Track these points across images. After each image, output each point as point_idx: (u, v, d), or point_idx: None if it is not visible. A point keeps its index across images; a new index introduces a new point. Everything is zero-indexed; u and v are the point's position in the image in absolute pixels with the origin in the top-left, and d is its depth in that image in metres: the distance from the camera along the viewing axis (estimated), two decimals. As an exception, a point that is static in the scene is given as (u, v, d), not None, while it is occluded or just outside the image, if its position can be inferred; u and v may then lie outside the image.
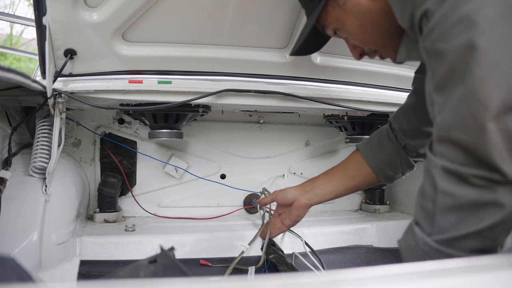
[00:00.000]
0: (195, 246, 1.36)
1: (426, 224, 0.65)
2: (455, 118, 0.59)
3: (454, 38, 0.57)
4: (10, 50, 6.88)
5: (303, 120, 1.81)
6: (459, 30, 0.56)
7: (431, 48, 0.61)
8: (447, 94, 0.60)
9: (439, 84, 0.61)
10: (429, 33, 0.61)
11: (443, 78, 0.60)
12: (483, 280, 0.40)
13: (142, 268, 0.51)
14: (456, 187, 0.59)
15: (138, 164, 1.65)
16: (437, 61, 0.61)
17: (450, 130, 0.59)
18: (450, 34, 0.57)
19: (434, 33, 0.60)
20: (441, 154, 0.61)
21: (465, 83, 0.56)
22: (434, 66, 0.62)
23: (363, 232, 1.57)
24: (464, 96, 0.57)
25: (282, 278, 0.37)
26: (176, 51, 1.28)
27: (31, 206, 1.09)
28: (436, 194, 0.62)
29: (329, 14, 0.86)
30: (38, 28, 1.11)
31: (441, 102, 0.61)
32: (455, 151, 0.59)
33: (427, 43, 0.62)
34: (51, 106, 1.17)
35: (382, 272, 0.40)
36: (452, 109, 0.59)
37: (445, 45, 0.58)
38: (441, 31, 0.59)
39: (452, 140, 0.59)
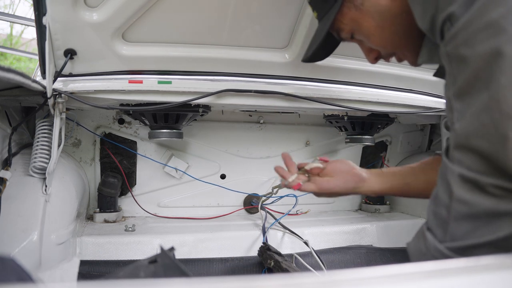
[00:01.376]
0: (195, 246, 1.36)
1: (438, 231, 0.63)
2: (476, 126, 0.57)
3: (480, 44, 0.55)
4: (10, 50, 6.87)
5: (303, 120, 1.81)
6: (486, 36, 0.54)
7: (454, 53, 0.60)
8: (468, 101, 0.58)
9: (461, 90, 0.60)
10: (452, 37, 0.59)
11: (465, 84, 0.58)
12: (484, 280, 0.40)
13: (142, 268, 0.51)
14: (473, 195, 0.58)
15: (138, 164, 1.65)
16: (459, 67, 0.59)
17: (470, 138, 0.58)
18: (476, 40, 0.56)
19: (458, 38, 0.58)
20: (459, 161, 0.60)
21: (489, 91, 0.55)
22: (455, 72, 0.60)
23: (363, 232, 1.57)
24: (487, 104, 0.55)
25: (282, 278, 0.37)
26: (176, 51, 1.28)
27: (31, 206, 1.09)
28: (451, 201, 0.61)
29: (345, 16, 0.84)
30: (38, 28, 1.11)
31: (461, 109, 0.60)
32: (474, 159, 0.58)
33: (450, 48, 0.60)
34: (51, 106, 1.17)
35: (382, 272, 0.40)
36: (474, 117, 0.57)
37: (469, 51, 0.57)
38: (466, 36, 0.57)
39: (472, 148, 0.58)
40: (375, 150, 1.92)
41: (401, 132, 1.93)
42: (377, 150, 1.92)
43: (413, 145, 1.98)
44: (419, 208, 1.72)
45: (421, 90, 1.56)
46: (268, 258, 1.20)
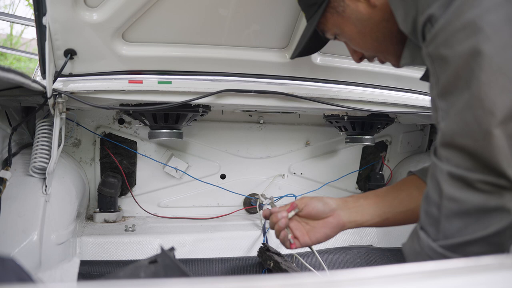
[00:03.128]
0: (195, 246, 1.36)
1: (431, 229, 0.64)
2: (460, 124, 0.58)
3: (459, 44, 0.57)
4: (10, 50, 6.87)
5: (303, 120, 1.81)
6: (464, 36, 0.56)
7: (435, 54, 0.61)
8: (451, 100, 0.59)
9: (443, 90, 0.61)
10: (433, 38, 0.60)
11: (447, 84, 0.60)
12: (484, 280, 0.40)
13: (142, 269, 0.51)
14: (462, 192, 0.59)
15: (138, 164, 1.65)
16: (441, 67, 0.60)
17: (455, 136, 0.59)
18: (455, 40, 0.57)
19: (438, 39, 0.59)
20: (446, 159, 0.61)
21: (470, 89, 0.56)
22: (437, 72, 0.62)
23: (363, 232, 1.57)
24: (469, 102, 0.57)
25: (282, 278, 0.37)
26: (176, 51, 1.28)
27: (31, 206, 1.09)
28: (441, 199, 0.61)
29: (328, 20, 0.87)
30: (38, 28, 1.11)
31: (445, 108, 0.61)
32: (460, 157, 0.59)
33: (431, 49, 0.61)
34: (51, 106, 1.17)
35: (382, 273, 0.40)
36: (457, 115, 0.59)
37: (449, 51, 0.58)
38: (445, 37, 0.58)
39: (458, 146, 0.59)
40: (375, 150, 1.92)
41: (401, 132, 1.93)
42: (377, 150, 1.92)
43: (413, 145, 1.98)
44: (419, 208, 1.72)
45: (421, 90, 1.56)
46: (268, 259, 1.20)
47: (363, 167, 1.91)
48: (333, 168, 1.85)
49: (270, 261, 1.18)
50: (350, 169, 1.88)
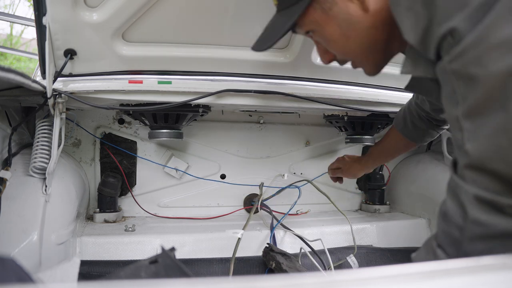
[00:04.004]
0: (195, 246, 1.36)
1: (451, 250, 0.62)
2: (492, 148, 0.56)
3: (493, 63, 0.53)
4: (10, 50, 6.87)
5: (303, 120, 1.81)
6: (499, 54, 0.52)
7: (463, 72, 0.57)
8: (481, 122, 0.56)
9: (471, 110, 0.57)
10: (459, 55, 0.56)
11: (477, 104, 0.56)
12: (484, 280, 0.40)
13: (143, 269, 0.51)
14: (490, 216, 0.56)
15: (138, 164, 1.65)
16: (468, 86, 0.57)
17: (486, 160, 0.57)
18: (488, 58, 0.53)
19: (468, 56, 0.55)
20: (473, 181, 0.58)
21: (506, 111, 0.53)
22: (463, 90, 0.58)
23: (363, 232, 1.57)
24: (504, 125, 0.54)
25: (282, 278, 0.37)
26: (176, 51, 1.28)
27: (31, 206, 1.09)
28: (465, 222, 0.59)
29: (308, 16, 0.78)
30: (38, 28, 1.11)
31: (472, 129, 0.58)
32: (490, 180, 0.57)
33: (456, 66, 0.57)
34: (51, 106, 1.17)
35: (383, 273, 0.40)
36: (489, 138, 0.56)
37: (481, 70, 0.54)
38: (476, 55, 0.54)
39: (488, 170, 0.56)
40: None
41: (401, 132, 1.93)
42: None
43: (413, 145, 1.98)
44: (419, 208, 1.72)
45: (421, 90, 1.56)
46: (271, 259, 1.20)
47: (363, 167, 1.91)
48: (333, 168, 1.85)
49: (272, 261, 1.18)
50: (350, 169, 1.88)
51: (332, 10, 0.75)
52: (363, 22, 0.74)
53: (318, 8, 0.77)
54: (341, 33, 0.77)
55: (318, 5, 0.76)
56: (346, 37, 0.78)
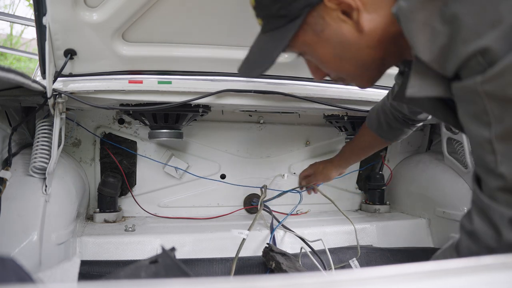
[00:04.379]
0: (195, 246, 1.36)
1: None
2: None
3: None
4: (10, 50, 6.87)
5: (303, 120, 1.81)
6: None
7: (498, 94, 0.55)
8: None
9: (508, 132, 0.56)
10: (496, 77, 0.54)
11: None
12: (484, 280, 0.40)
13: (143, 269, 0.51)
14: None
15: (138, 164, 1.65)
16: (506, 109, 0.55)
17: None
18: None
19: (507, 79, 0.53)
20: (508, 204, 0.58)
21: None
22: (497, 113, 0.56)
23: (363, 232, 1.57)
24: None
25: (282, 278, 0.37)
26: (176, 51, 1.28)
27: (31, 206, 1.09)
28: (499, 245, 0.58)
29: (298, 38, 0.75)
30: (38, 28, 1.12)
31: (507, 152, 0.57)
32: None
33: (492, 87, 0.55)
34: (51, 106, 1.17)
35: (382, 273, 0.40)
36: None
37: None
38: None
39: None
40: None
41: (401, 132, 1.93)
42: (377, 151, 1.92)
43: (413, 145, 1.98)
44: (419, 208, 1.72)
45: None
46: (271, 259, 1.20)
47: (363, 167, 1.91)
48: (333, 168, 1.85)
49: (272, 261, 1.18)
50: (350, 169, 1.88)
51: (324, 32, 0.72)
52: (358, 43, 0.71)
53: (309, 30, 0.73)
54: (334, 54, 0.75)
55: (309, 27, 0.73)
56: (340, 58, 0.75)
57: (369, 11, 0.69)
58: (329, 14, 0.70)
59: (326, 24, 0.71)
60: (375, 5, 0.69)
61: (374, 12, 0.69)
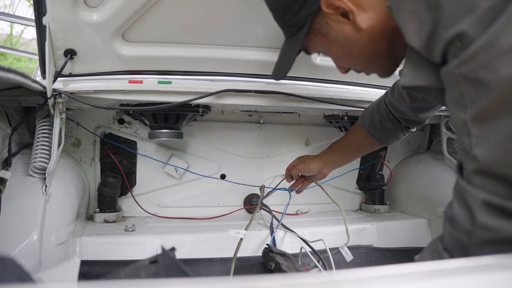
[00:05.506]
0: (195, 246, 1.36)
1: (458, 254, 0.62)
2: (502, 152, 0.56)
3: (504, 68, 0.53)
4: (10, 50, 6.87)
5: (303, 120, 1.81)
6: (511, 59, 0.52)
7: (471, 76, 0.57)
8: (491, 127, 0.56)
9: (481, 115, 0.57)
10: (469, 59, 0.56)
11: (487, 109, 0.56)
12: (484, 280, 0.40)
13: (143, 269, 0.51)
14: (499, 221, 0.56)
15: (138, 164, 1.65)
16: (478, 91, 0.56)
17: (496, 165, 0.57)
18: (500, 63, 0.53)
19: (478, 61, 0.55)
20: (481, 186, 0.58)
21: None
22: (472, 95, 0.57)
23: (363, 232, 1.57)
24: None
25: (282, 278, 0.37)
26: (176, 51, 1.28)
27: (31, 206, 1.09)
28: (474, 228, 0.59)
29: (312, 41, 0.85)
30: (38, 28, 1.11)
31: (481, 134, 0.58)
32: (500, 186, 0.56)
33: (466, 70, 0.57)
34: (51, 106, 1.17)
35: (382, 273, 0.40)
36: (500, 143, 0.55)
37: (492, 74, 0.54)
38: (486, 59, 0.54)
39: (498, 175, 0.56)
40: (375, 150, 1.92)
41: (401, 132, 1.93)
42: (377, 150, 1.92)
43: (413, 145, 1.98)
44: (419, 208, 1.72)
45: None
46: (270, 260, 1.20)
47: (363, 167, 1.91)
48: (333, 168, 1.85)
49: (272, 262, 1.18)
50: (350, 169, 1.88)
51: (330, 34, 0.81)
52: (360, 40, 0.78)
53: (318, 34, 0.83)
54: (343, 51, 0.83)
55: (317, 31, 0.82)
56: (349, 54, 0.83)
57: (366, 10, 0.75)
58: (331, 18, 0.79)
59: (330, 27, 0.80)
60: (371, 4, 0.75)
61: (371, 10, 0.75)
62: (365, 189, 1.92)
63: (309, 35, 0.84)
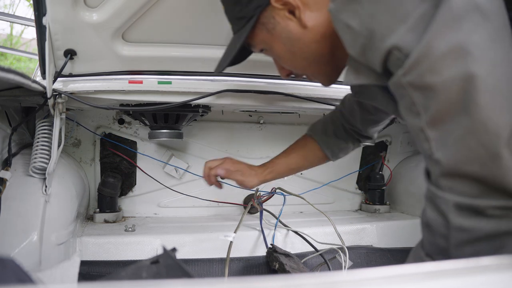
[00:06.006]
0: (195, 246, 1.36)
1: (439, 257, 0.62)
2: (463, 151, 0.56)
3: (448, 70, 0.54)
4: (10, 50, 6.86)
5: (303, 120, 1.81)
6: (452, 60, 0.54)
7: (418, 83, 0.57)
8: (447, 129, 0.57)
9: (435, 119, 0.58)
10: (413, 67, 0.57)
11: (439, 112, 0.57)
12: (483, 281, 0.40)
13: (144, 269, 0.51)
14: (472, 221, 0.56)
15: (138, 165, 1.65)
16: (428, 96, 0.57)
17: (459, 165, 0.57)
18: (442, 65, 0.54)
19: (421, 67, 0.56)
20: (450, 189, 0.58)
21: (469, 114, 0.54)
22: (422, 101, 0.58)
23: (363, 232, 1.57)
24: (470, 127, 0.54)
25: (282, 279, 0.37)
26: (176, 51, 1.28)
27: (31, 206, 1.09)
28: (449, 230, 0.59)
29: (256, 36, 0.84)
30: (38, 28, 1.11)
31: (439, 137, 0.58)
32: (467, 185, 0.57)
33: (412, 78, 0.58)
34: (51, 106, 1.17)
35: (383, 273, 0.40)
36: (458, 143, 0.56)
37: (437, 78, 0.55)
38: (429, 64, 0.55)
39: (463, 174, 0.57)
40: (375, 150, 1.92)
41: (401, 132, 1.93)
42: (377, 150, 1.92)
43: (413, 145, 1.98)
44: (419, 208, 1.72)
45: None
46: (274, 260, 1.20)
47: (363, 167, 1.91)
48: (333, 168, 1.85)
49: (275, 262, 1.18)
50: (350, 169, 1.88)
51: (275, 29, 0.81)
52: (304, 38, 0.79)
53: (263, 29, 0.82)
54: (286, 49, 0.82)
55: (263, 26, 0.82)
56: (292, 53, 0.82)
57: (312, 9, 0.77)
58: (278, 13, 0.79)
59: (276, 22, 0.80)
60: (317, 4, 0.76)
61: (317, 10, 0.76)
62: (365, 189, 1.93)
63: (255, 29, 0.83)
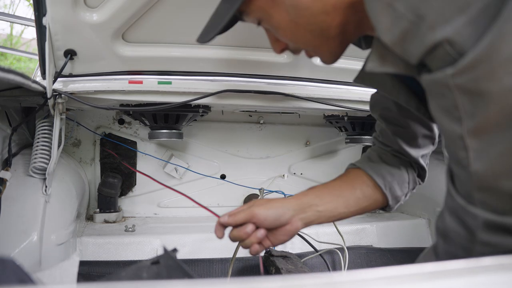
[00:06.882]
0: (195, 246, 1.36)
1: None
2: (504, 167, 0.52)
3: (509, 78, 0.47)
4: (10, 50, 6.86)
5: (303, 120, 1.81)
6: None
7: (470, 87, 0.51)
8: (491, 140, 0.52)
9: (480, 128, 0.52)
10: (467, 69, 0.49)
11: (487, 122, 0.51)
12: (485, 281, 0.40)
13: (144, 269, 0.51)
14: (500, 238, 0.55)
15: (138, 165, 1.65)
16: (477, 103, 0.51)
17: (499, 179, 0.53)
18: (504, 72, 0.47)
19: (479, 71, 0.48)
20: (482, 203, 0.56)
21: None
22: (469, 107, 0.52)
23: (363, 232, 1.57)
24: None
25: (282, 279, 0.37)
26: (176, 51, 1.28)
27: (31, 206, 1.09)
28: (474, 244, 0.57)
29: (253, 2, 0.70)
30: (38, 28, 1.11)
31: (480, 148, 0.53)
32: (502, 200, 0.54)
33: (464, 80, 0.50)
34: (51, 106, 1.17)
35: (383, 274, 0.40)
36: (503, 157, 0.52)
37: (495, 85, 0.48)
38: (489, 69, 0.47)
39: (500, 189, 0.54)
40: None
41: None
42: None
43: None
44: (419, 208, 1.72)
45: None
46: (271, 264, 1.19)
47: (363, 167, 1.91)
48: (333, 168, 1.85)
49: (272, 267, 1.18)
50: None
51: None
52: (312, 8, 0.65)
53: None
54: (289, 20, 0.68)
55: None
56: (295, 24, 0.69)
57: None
58: None
59: None
60: None
61: None
62: (365, 189, 1.92)
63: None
